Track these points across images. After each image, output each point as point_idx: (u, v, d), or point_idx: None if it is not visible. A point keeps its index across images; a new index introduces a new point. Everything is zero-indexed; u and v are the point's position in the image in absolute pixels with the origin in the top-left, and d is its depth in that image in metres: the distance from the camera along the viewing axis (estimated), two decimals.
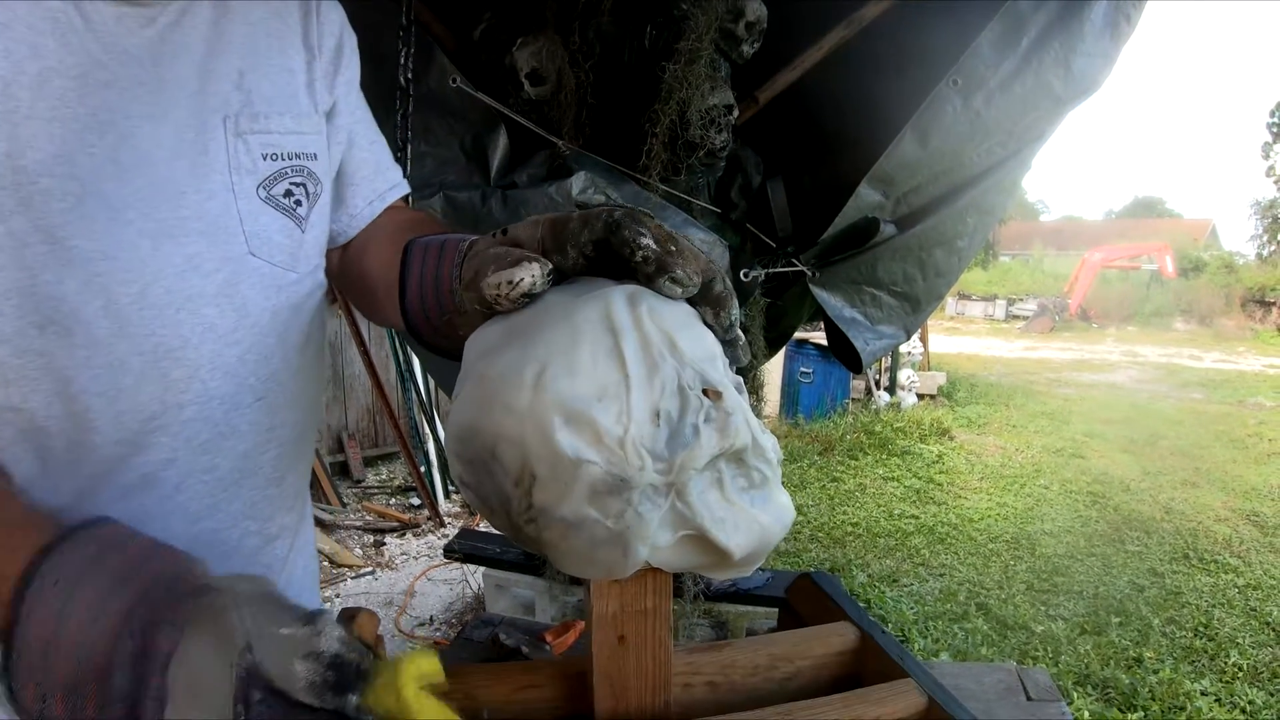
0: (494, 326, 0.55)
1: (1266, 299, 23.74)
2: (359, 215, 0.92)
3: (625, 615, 0.57)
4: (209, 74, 0.73)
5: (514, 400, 0.49)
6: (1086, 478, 6.79)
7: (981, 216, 2.19)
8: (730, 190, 2.27)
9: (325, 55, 0.85)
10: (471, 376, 0.53)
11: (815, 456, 6.99)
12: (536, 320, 0.53)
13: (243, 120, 0.74)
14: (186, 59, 0.71)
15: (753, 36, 2.00)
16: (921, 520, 5.59)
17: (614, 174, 1.96)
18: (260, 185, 0.76)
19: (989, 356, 15.36)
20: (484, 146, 2.02)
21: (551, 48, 1.94)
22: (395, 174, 0.97)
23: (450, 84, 1.95)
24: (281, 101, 0.79)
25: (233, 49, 0.75)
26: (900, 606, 4.15)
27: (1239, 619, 4.25)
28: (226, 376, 0.75)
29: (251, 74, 0.76)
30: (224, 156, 0.73)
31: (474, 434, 0.50)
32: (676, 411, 0.49)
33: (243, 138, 0.74)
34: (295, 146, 0.79)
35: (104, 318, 0.66)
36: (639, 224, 0.53)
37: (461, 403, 0.53)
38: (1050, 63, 1.99)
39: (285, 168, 0.78)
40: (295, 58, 0.81)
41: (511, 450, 0.49)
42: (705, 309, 0.55)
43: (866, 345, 2.22)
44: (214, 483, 0.76)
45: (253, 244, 0.76)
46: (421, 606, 4.11)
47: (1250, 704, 3.41)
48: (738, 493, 0.52)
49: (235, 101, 0.74)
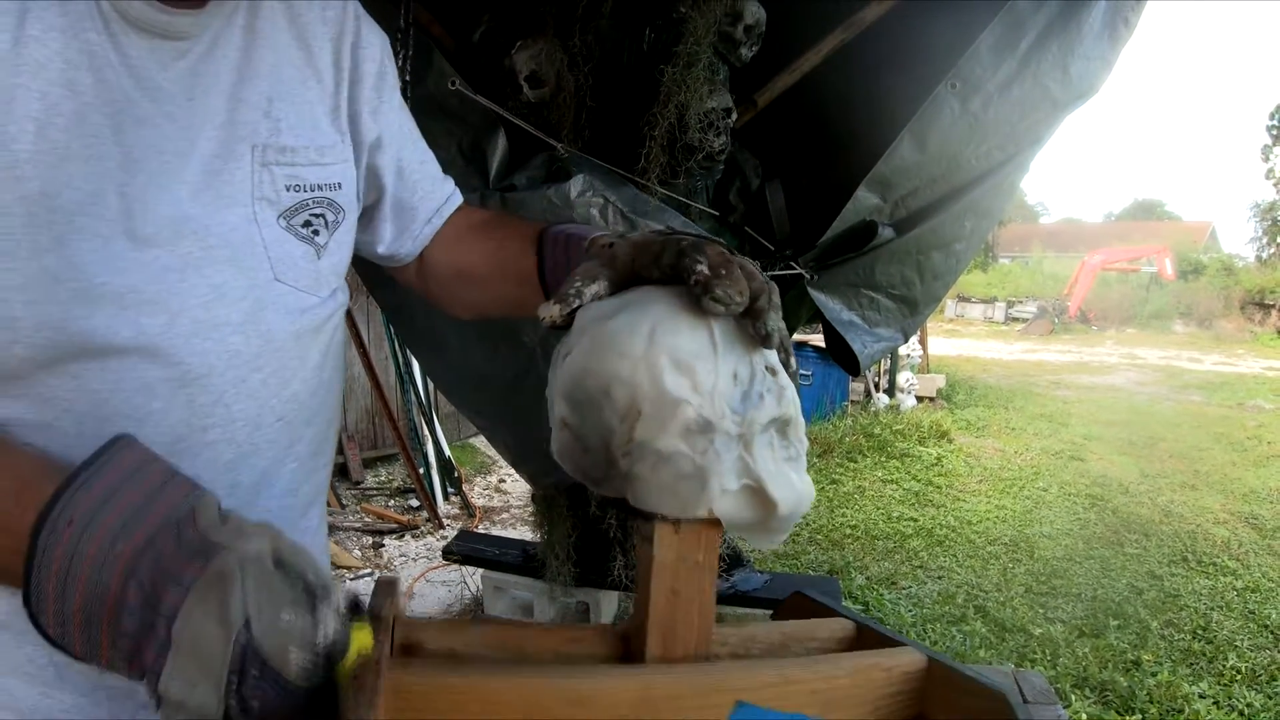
0: (608, 302, 0.67)
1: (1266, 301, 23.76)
2: (420, 236, 0.99)
3: (681, 566, 0.64)
4: (238, 102, 0.75)
5: (630, 348, 0.59)
6: (1085, 480, 6.78)
7: (979, 219, 2.20)
8: (729, 193, 2.28)
9: (367, 82, 0.88)
10: (589, 332, 0.63)
11: (814, 459, 6.97)
12: (643, 298, 0.64)
13: (270, 151, 0.77)
14: (217, 90, 0.73)
15: (751, 40, 2.01)
16: (920, 522, 5.59)
17: (613, 177, 1.97)
18: (281, 215, 0.78)
19: (988, 359, 15.35)
20: (483, 149, 2.02)
21: (551, 50, 1.94)
22: (448, 186, 1.02)
23: (449, 86, 1.95)
24: (307, 130, 0.81)
25: (261, 75, 0.77)
26: (899, 609, 4.15)
27: (1237, 622, 4.24)
28: (250, 400, 0.77)
29: (279, 101, 0.78)
30: (249, 186, 0.75)
31: (589, 375, 0.61)
32: (748, 378, 0.61)
33: (269, 168, 0.76)
34: (318, 178, 0.81)
35: (134, 348, 0.69)
36: (699, 251, 0.63)
37: (579, 353, 0.62)
38: (1048, 66, 1.99)
39: (307, 199, 0.80)
40: (320, 86, 0.83)
41: (623, 389, 0.59)
42: (746, 320, 0.62)
43: (864, 348, 2.23)
44: (236, 497, 0.78)
45: (278, 269, 0.78)
46: (420, 608, 4.11)
47: (1249, 706, 3.40)
48: (784, 460, 0.63)
49: (264, 130, 0.76)
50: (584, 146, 2.00)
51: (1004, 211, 2.42)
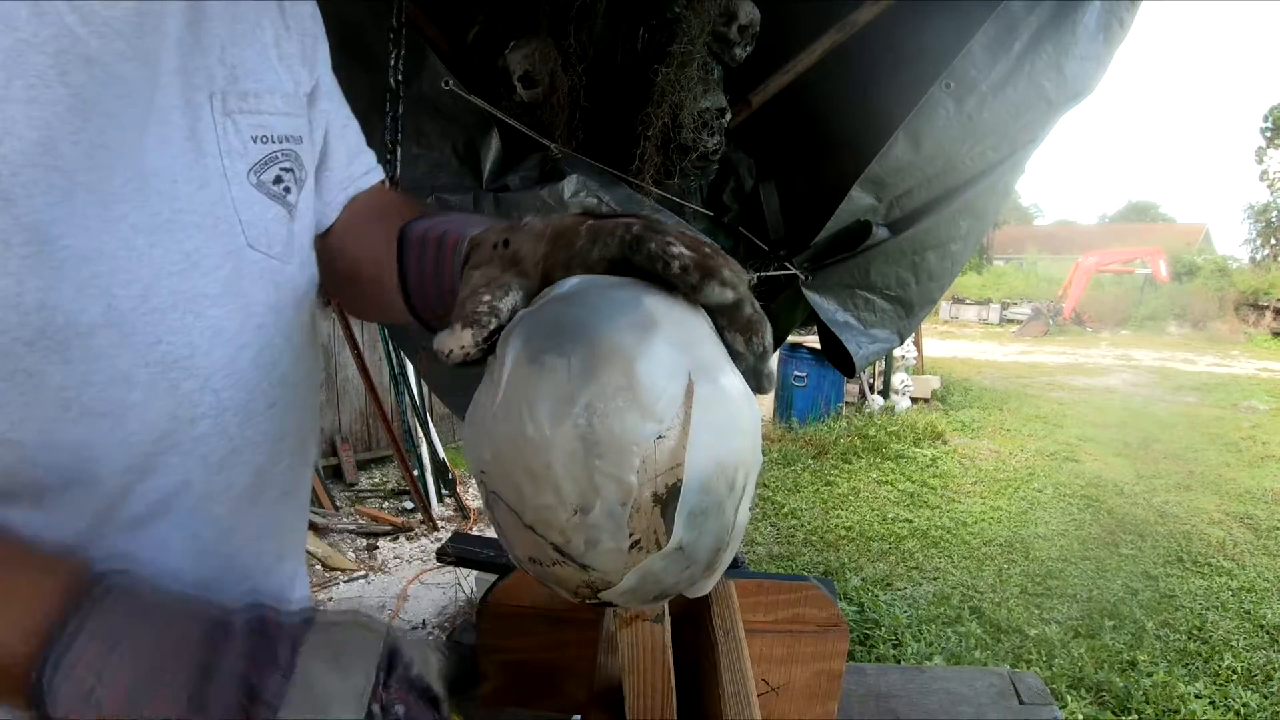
0: (564, 312, 0.48)
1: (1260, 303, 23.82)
2: (333, 203, 0.86)
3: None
4: (191, 46, 0.65)
5: (735, 412, 0.46)
6: (1080, 481, 6.80)
7: (974, 220, 2.20)
8: (723, 193, 2.27)
9: (306, 30, 0.78)
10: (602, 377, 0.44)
11: (809, 460, 6.98)
12: (635, 310, 0.46)
13: (230, 99, 0.67)
14: (166, 30, 0.63)
15: (745, 40, 2.00)
16: (915, 524, 5.59)
17: (606, 177, 1.96)
18: (251, 170, 0.68)
19: (983, 360, 15.37)
20: (476, 149, 2.01)
21: (544, 50, 1.93)
22: (369, 158, 0.90)
23: (443, 86, 1.94)
24: (267, 77, 0.71)
25: (214, 17, 0.67)
26: (894, 610, 4.14)
27: (1233, 622, 4.25)
28: (239, 384, 0.68)
29: (233, 47, 0.68)
30: (213, 138, 0.65)
31: (711, 466, 0.44)
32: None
33: (231, 117, 0.67)
34: (284, 128, 0.72)
35: (104, 326, 0.58)
36: (663, 233, 0.48)
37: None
38: (1043, 66, 1.99)
39: (275, 151, 0.71)
40: (272, 30, 0.74)
41: (742, 470, 0.45)
42: (735, 335, 0.50)
43: (860, 349, 2.22)
44: (230, 503, 0.70)
45: (249, 234, 0.68)
46: (414, 610, 4.10)
47: (1244, 706, 3.41)
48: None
49: (220, 76, 0.66)
50: (578, 147, 2.00)
51: (999, 212, 2.42)
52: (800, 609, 0.92)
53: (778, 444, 7.42)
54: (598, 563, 0.42)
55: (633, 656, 0.59)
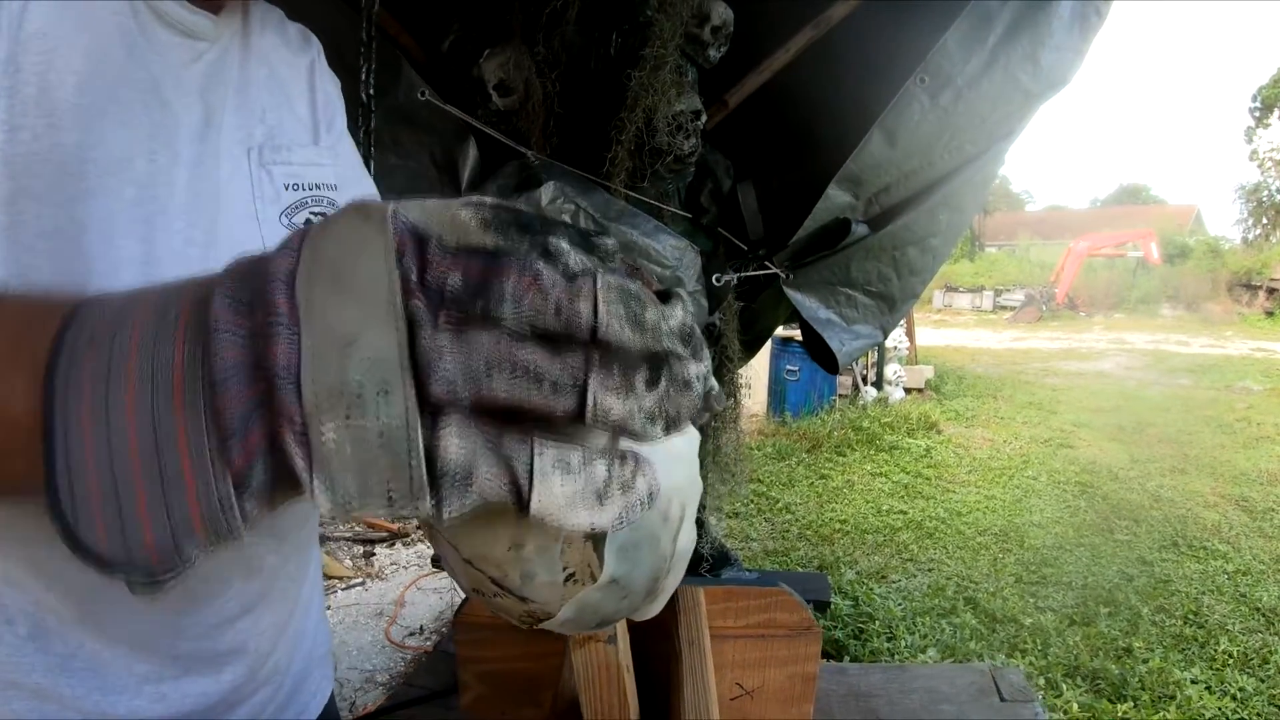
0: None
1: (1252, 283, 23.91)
2: None
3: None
4: (237, 107, 0.76)
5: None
6: (1075, 467, 6.82)
7: (954, 214, 2.20)
8: (700, 195, 2.27)
9: (328, 106, 0.89)
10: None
11: (803, 454, 7.00)
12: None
13: (266, 152, 0.78)
14: (222, 91, 0.74)
15: (719, 41, 2.00)
16: (910, 515, 5.60)
17: (583, 182, 1.96)
18: (283, 214, 0.78)
19: (976, 348, 15.41)
20: (454, 158, 2.01)
21: (518, 58, 1.93)
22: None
23: (418, 97, 1.94)
24: (300, 137, 0.83)
25: (256, 86, 0.79)
26: (888, 603, 4.15)
27: (1228, 605, 4.27)
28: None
29: (273, 112, 0.80)
30: (248, 185, 0.76)
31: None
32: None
33: (266, 168, 0.77)
34: (315, 177, 0.82)
35: None
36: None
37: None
38: (1019, 58, 1.99)
39: (306, 197, 0.80)
40: (303, 104, 0.86)
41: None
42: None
43: (842, 346, 2.23)
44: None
45: None
46: (411, 616, 4.10)
47: (1240, 691, 3.42)
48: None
49: (259, 135, 0.78)
50: (554, 153, 1.99)
51: (980, 205, 2.42)
52: (771, 614, 0.93)
53: (771, 438, 7.43)
54: (535, 595, 0.44)
55: (588, 677, 0.59)
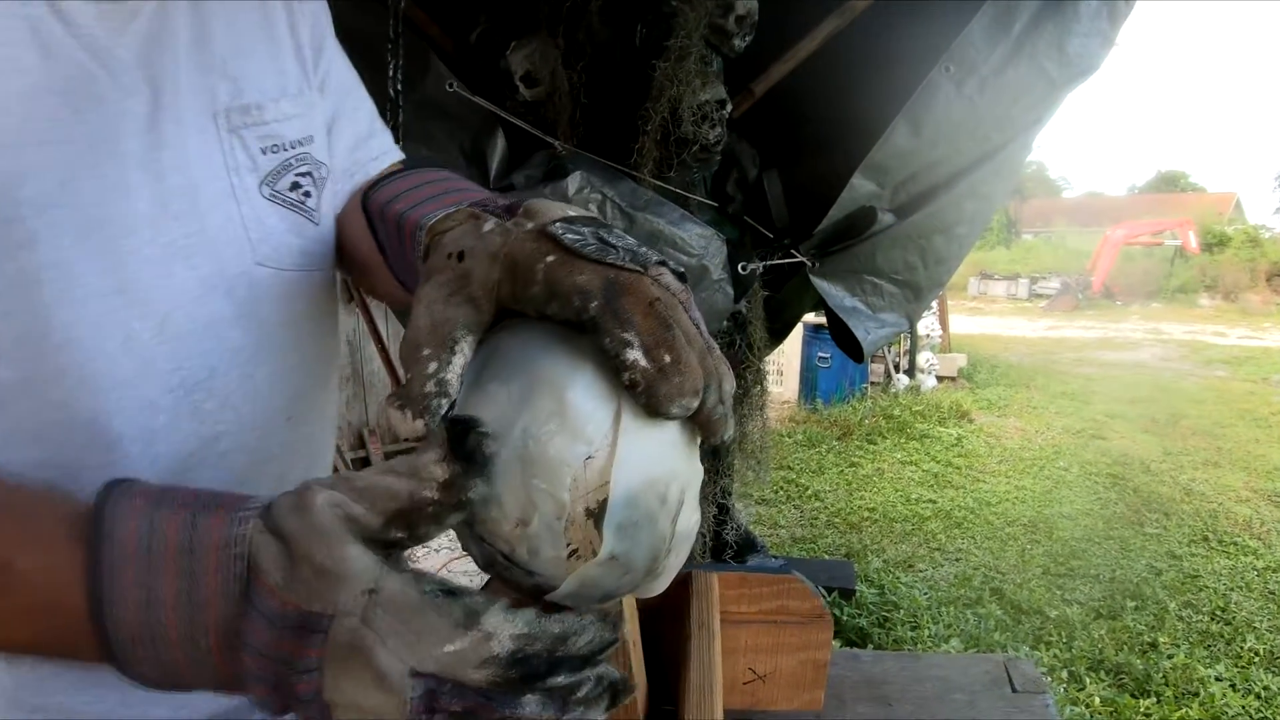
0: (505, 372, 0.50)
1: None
2: (340, 193, 0.81)
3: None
4: (194, 66, 0.65)
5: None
6: (1106, 459, 6.74)
7: (980, 202, 2.20)
8: (726, 184, 2.29)
9: (315, 21, 0.78)
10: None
11: (833, 441, 6.98)
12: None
13: (235, 114, 0.67)
14: (172, 53, 0.63)
15: (743, 30, 2.01)
16: (939, 504, 5.58)
17: (610, 172, 1.98)
18: (263, 183, 0.69)
19: (1011, 336, 15.23)
20: (483, 149, 2.05)
21: (545, 50, 1.96)
22: (380, 142, 0.85)
23: (447, 89, 1.97)
24: (273, 82, 0.71)
25: (215, 31, 0.67)
26: (914, 592, 4.14)
27: (1257, 602, 4.21)
28: (257, 400, 0.70)
29: (237, 58, 0.68)
30: (219, 158, 0.66)
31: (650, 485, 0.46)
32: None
33: (237, 133, 0.67)
34: (295, 133, 0.71)
35: (125, 356, 0.60)
36: (624, 326, 0.43)
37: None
38: (1044, 46, 1.99)
39: (289, 159, 0.70)
40: (281, 25, 0.73)
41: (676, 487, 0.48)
42: (693, 429, 0.48)
43: (868, 334, 2.24)
44: None
45: (259, 253, 0.68)
46: None
47: (1265, 689, 3.37)
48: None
49: (224, 93, 0.66)
50: (580, 143, 2.02)
51: (1007, 193, 2.41)
52: (784, 600, 0.95)
53: (802, 425, 7.42)
54: (541, 569, 0.46)
55: None
